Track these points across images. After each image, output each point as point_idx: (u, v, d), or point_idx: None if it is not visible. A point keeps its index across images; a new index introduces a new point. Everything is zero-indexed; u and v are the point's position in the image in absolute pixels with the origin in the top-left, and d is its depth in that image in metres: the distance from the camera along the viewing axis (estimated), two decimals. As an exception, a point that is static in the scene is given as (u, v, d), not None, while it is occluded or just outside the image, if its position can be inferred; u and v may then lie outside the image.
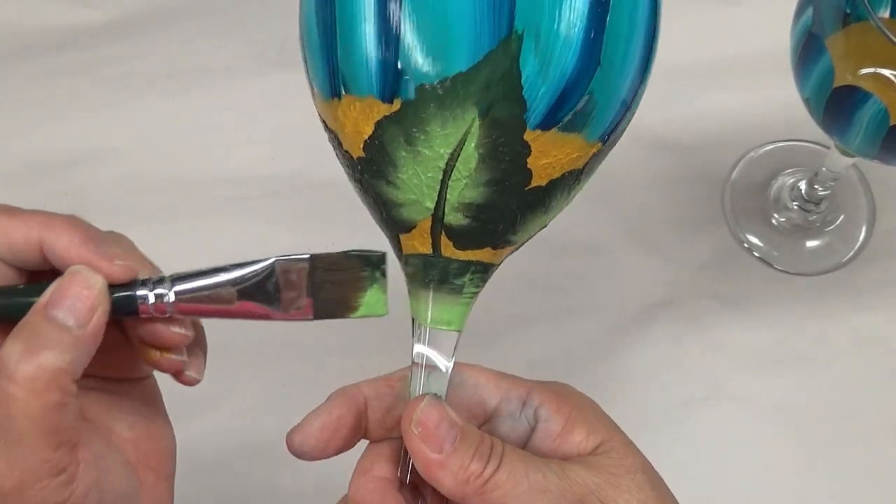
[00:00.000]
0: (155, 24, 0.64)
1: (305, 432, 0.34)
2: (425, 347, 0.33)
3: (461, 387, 0.35)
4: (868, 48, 0.39)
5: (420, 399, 0.32)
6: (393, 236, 0.33)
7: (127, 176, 0.60)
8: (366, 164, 0.31)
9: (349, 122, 0.30)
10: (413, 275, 0.33)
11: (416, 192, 0.31)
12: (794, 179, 0.58)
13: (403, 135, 0.30)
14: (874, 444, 0.52)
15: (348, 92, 0.30)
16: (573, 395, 0.35)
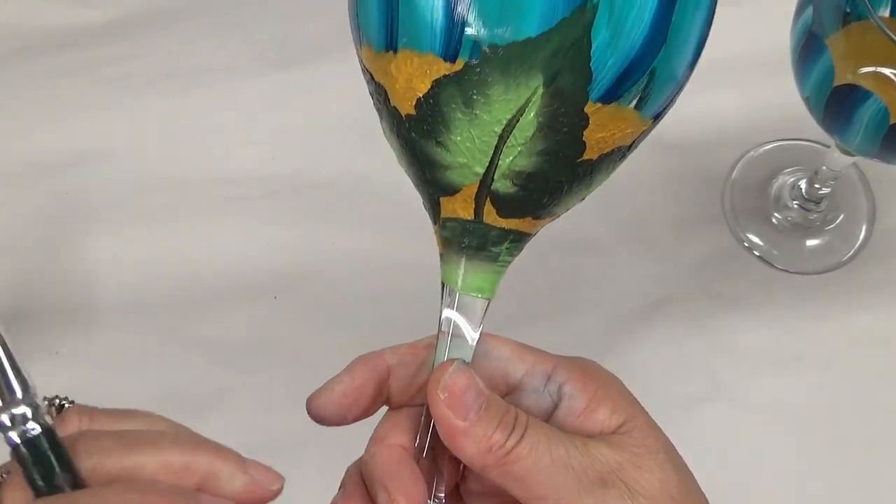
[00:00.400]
0: (155, 24, 0.64)
1: (326, 397, 0.33)
2: (454, 313, 0.33)
3: (486, 358, 0.34)
4: (868, 47, 0.39)
5: (448, 364, 0.32)
6: (432, 198, 0.32)
7: (127, 176, 0.60)
8: (415, 122, 0.30)
9: (402, 77, 0.30)
10: (449, 239, 0.32)
11: (468, 156, 0.30)
12: (795, 178, 0.58)
13: (462, 96, 0.29)
14: (874, 444, 0.52)
15: (407, 46, 0.29)
16: (599, 373, 0.34)
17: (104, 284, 0.57)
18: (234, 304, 0.56)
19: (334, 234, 0.58)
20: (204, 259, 0.58)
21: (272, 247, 0.58)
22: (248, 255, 0.58)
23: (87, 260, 0.58)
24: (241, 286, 0.57)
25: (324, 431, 0.56)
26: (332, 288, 0.57)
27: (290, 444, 0.53)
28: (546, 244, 0.58)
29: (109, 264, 0.58)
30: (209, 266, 0.57)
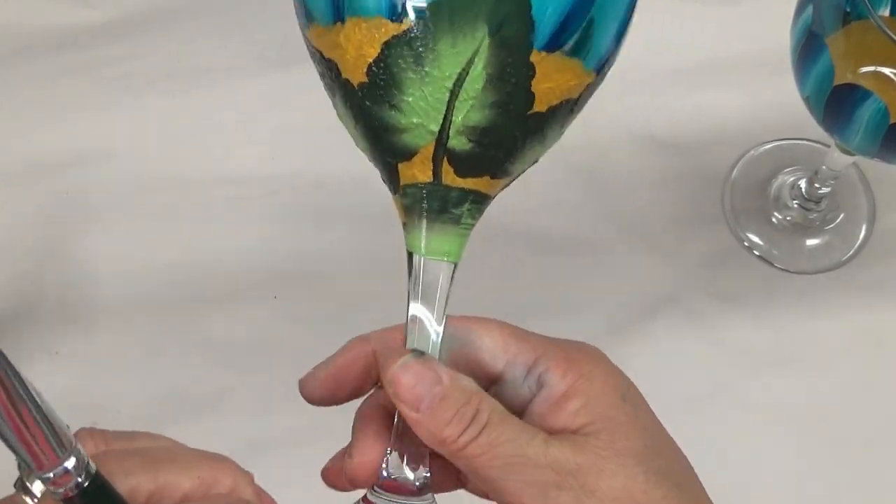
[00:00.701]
0: (155, 24, 0.64)
1: (312, 378, 0.34)
2: (420, 283, 0.33)
3: (468, 346, 0.34)
4: (868, 47, 0.39)
5: (399, 356, 0.31)
6: (390, 167, 0.32)
7: (127, 176, 0.60)
8: (368, 89, 0.30)
9: (352, 46, 0.30)
10: (410, 206, 0.32)
11: (422, 115, 0.30)
12: (795, 178, 0.58)
13: (412, 55, 0.29)
14: (874, 444, 0.52)
15: (353, 13, 0.30)
16: (586, 363, 0.33)
17: (104, 284, 0.57)
18: (234, 304, 0.56)
19: (334, 234, 0.58)
20: (204, 259, 0.58)
21: (272, 247, 0.58)
22: (248, 255, 0.58)
23: (87, 260, 0.58)
24: (241, 286, 0.57)
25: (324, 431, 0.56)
26: (332, 288, 0.57)
27: (291, 444, 0.53)
28: (546, 244, 0.58)
29: (109, 264, 0.58)
30: (209, 266, 0.57)
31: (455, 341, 0.34)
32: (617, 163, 0.59)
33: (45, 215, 0.59)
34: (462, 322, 0.34)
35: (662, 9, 0.63)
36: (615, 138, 0.60)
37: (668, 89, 0.61)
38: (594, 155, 0.59)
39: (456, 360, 0.34)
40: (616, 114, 0.60)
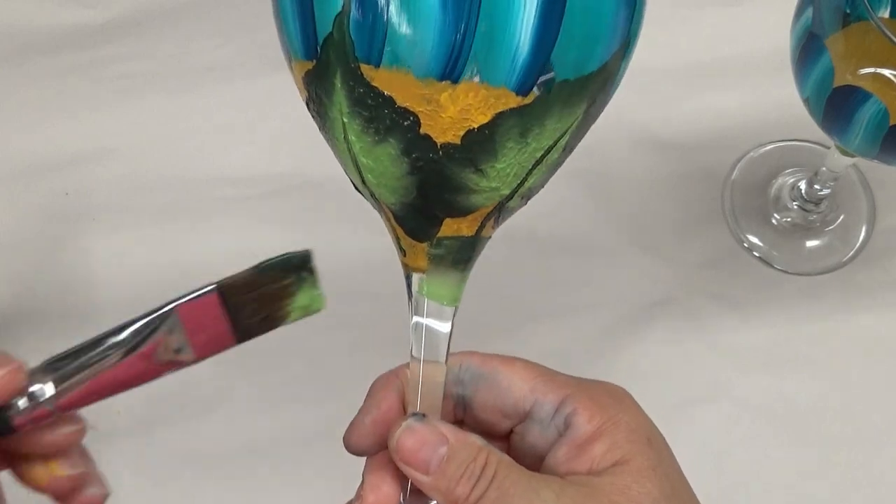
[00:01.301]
0: (155, 24, 0.64)
1: (359, 431, 0.33)
2: (425, 320, 0.32)
3: (494, 386, 0.34)
4: (868, 48, 0.39)
5: (400, 422, 0.31)
6: (432, 220, 0.31)
7: (127, 176, 0.60)
8: (456, 150, 0.29)
9: (455, 107, 0.28)
10: (442, 256, 0.32)
11: (502, 180, 0.30)
12: (794, 179, 0.58)
13: (520, 128, 0.29)
14: (874, 444, 0.52)
15: (474, 78, 0.27)
16: (613, 406, 0.33)
17: (104, 284, 0.57)
18: (233, 304, 0.56)
19: (334, 234, 0.58)
20: (204, 259, 0.58)
21: (272, 247, 0.58)
22: (248, 255, 0.57)
23: (87, 260, 0.58)
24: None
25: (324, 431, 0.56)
26: (332, 288, 0.57)
27: (290, 443, 0.53)
28: (546, 244, 0.58)
29: (109, 264, 0.58)
30: (209, 266, 0.57)
31: (482, 380, 0.34)
32: (617, 164, 0.59)
33: (45, 215, 0.59)
34: (488, 361, 0.34)
35: (662, 9, 0.63)
36: (615, 139, 0.60)
37: (668, 90, 0.61)
38: (594, 156, 0.59)
39: (484, 400, 0.34)
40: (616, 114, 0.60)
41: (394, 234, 0.32)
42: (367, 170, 0.30)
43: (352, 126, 0.29)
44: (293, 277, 0.30)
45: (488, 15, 0.27)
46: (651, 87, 0.61)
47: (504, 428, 0.34)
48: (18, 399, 0.25)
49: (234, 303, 0.29)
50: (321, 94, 0.30)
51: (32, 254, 0.58)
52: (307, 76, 0.30)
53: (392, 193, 0.30)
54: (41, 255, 0.58)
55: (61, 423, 0.27)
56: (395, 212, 0.31)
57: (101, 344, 0.26)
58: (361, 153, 0.30)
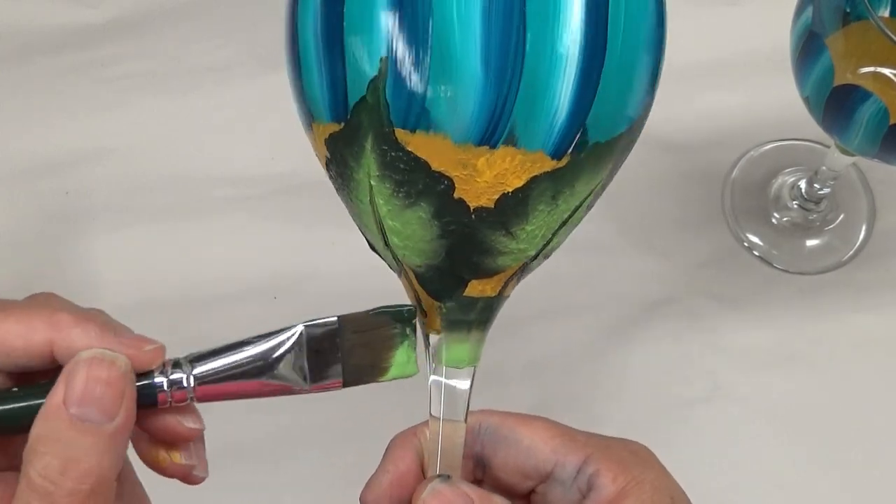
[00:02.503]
0: (155, 24, 0.64)
1: (377, 492, 0.33)
2: (444, 379, 0.32)
3: (515, 447, 0.33)
4: (868, 47, 0.39)
5: (425, 484, 0.31)
6: (457, 282, 0.30)
7: (127, 176, 0.60)
8: (489, 214, 0.28)
9: (492, 172, 0.28)
10: (463, 318, 0.31)
11: (529, 242, 0.30)
12: (794, 178, 0.58)
13: (553, 190, 0.28)
14: (874, 444, 0.52)
15: (512, 143, 0.27)
16: (636, 465, 0.32)
17: (104, 284, 0.57)
18: (234, 304, 0.56)
19: (334, 234, 0.58)
20: (204, 259, 0.58)
21: (272, 247, 0.58)
22: (248, 255, 0.58)
23: (87, 260, 0.58)
24: (241, 286, 0.57)
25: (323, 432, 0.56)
26: (332, 288, 0.57)
27: (290, 443, 0.53)
28: (546, 244, 0.58)
29: (109, 264, 0.58)
30: (209, 266, 0.57)
31: (501, 440, 0.33)
32: (617, 163, 0.59)
33: (45, 215, 0.59)
34: (507, 420, 0.34)
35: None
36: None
37: (667, 89, 0.61)
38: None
39: (504, 460, 0.33)
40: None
41: (414, 295, 0.31)
42: (394, 232, 0.29)
43: (381, 189, 0.29)
44: (399, 329, 0.30)
45: (530, 79, 0.26)
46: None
47: (525, 488, 0.34)
48: (162, 380, 0.28)
49: (348, 341, 0.29)
50: (347, 157, 0.29)
51: (32, 254, 0.58)
52: (332, 139, 0.29)
53: (419, 256, 0.30)
54: (41, 255, 0.58)
55: (190, 415, 0.29)
56: (419, 274, 0.30)
57: (240, 350, 0.29)
58: (389, 216, 0.29)
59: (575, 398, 0.54)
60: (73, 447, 0.25)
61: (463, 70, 0.26)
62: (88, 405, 0.26)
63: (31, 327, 0.27)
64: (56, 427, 0.25)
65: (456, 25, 0.26)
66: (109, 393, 0.26)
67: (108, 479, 0.26)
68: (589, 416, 0.53)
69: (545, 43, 0.26)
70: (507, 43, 0.26)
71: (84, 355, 0.26)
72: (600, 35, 0.27)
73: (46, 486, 0.25)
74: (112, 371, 0.26)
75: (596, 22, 0.27)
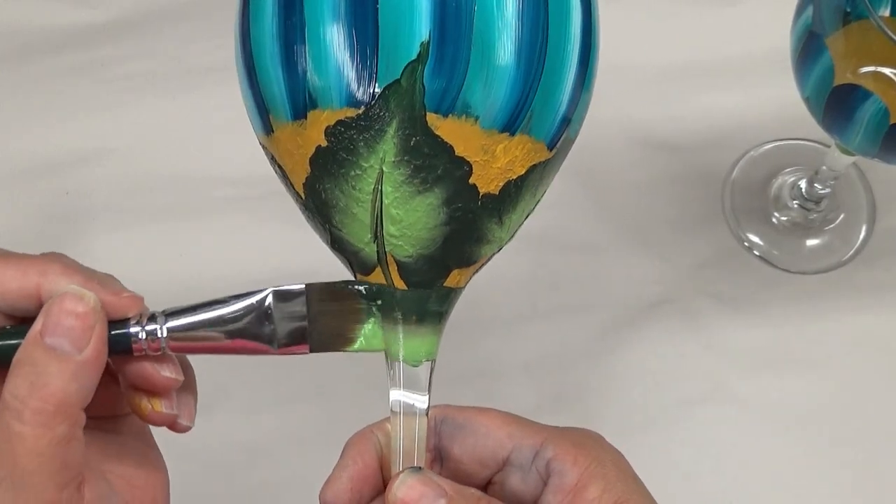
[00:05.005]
0: (155, 24, 0.64)
1: (337, 488, 0.33)
2: (402, 392, 0.32)
3: (472, 434, 0.34)
4: (868, 47, 0.39)
5: (396, 477, 0.31)
6: (443, 272, 0.31)
7: (127, 176, 0.60)
8: (491, 200, 0.30)
9: (505, 159, 0.29)
10: (436, 310, 0.32)
11: (508, 231, 0.31)
12: (795, 178, 0.58)
13: (539, 180, 0.30)
14: (874, 444, 0.52)
15: (527, 132, 0.29)
16: (594, 447, 0.33)
17: (104, 284, 0.57)
18: (234, 303, 0.56)
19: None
20: (204, 259, 0.58)
21: (272, 247, 0.58)
22: (248, 255, 0.58)
23: (87, 260, 0.57)
24: (241, 286, 0.57)
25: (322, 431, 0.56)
26: (332, 288, 0.57)
27: (289, 444, 0.53)
28: (545, 244, 0.58)
29: (109, 264, 0.57)
30: (209, 266, 0.57)
31: (458, 430, 0.34)
32: (616, 163, 0.59)
33: (45, 215, 0.59)
34: (463, 413, 0.34)
35: (662, 9, 0.63)
36: (614, 138, 0.60)
37: (667, 89, 0.61)
38: (593, 155, 0.59)
39: (462, 450, 0.34)
40: (615, 114, 0.60)
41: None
42: (393, 221, 0.30)
43: (393, 175, 0.29)
44: (366, 304, 0.31)
45: (549, 73, 0.29)
46: (651, 87, 0.61)
47: (482, 478, 0.34)
48: (138, 331, 0.30)
49: (315, 309, 0.31)
50: (357, 144, 0.29)
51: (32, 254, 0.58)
52: (341, 125, 0.29)
53: (413, 245, 0.30)
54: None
55: (167, 364, 0.31)
56: (406, 264, 0.30)
57: (209, 310, 0.31)
58: (394, 204, 0.29)
59: (574, 398, 0.54)
60: (42, 372, 0.28)
61: (500, 59, 0.28)
62: (60, 335, 0.28)
63: (25, 273, 0.30)
64: (31, 353, 0.28)
65: (496, 17, 0.28)
66: (79, 325, 0.28)
67: (72, 405, 0.28)
68: (588, 416, 0.53)
69: (560, 42, 0.29)
70: (535, 38, 0.28)
71: (60, 291, 0.29)
72: (588, 38, 0.30)
73: (15, 404, 0.27)
74: (80, 305, 0.29)
75: (590, 27, 0.30)
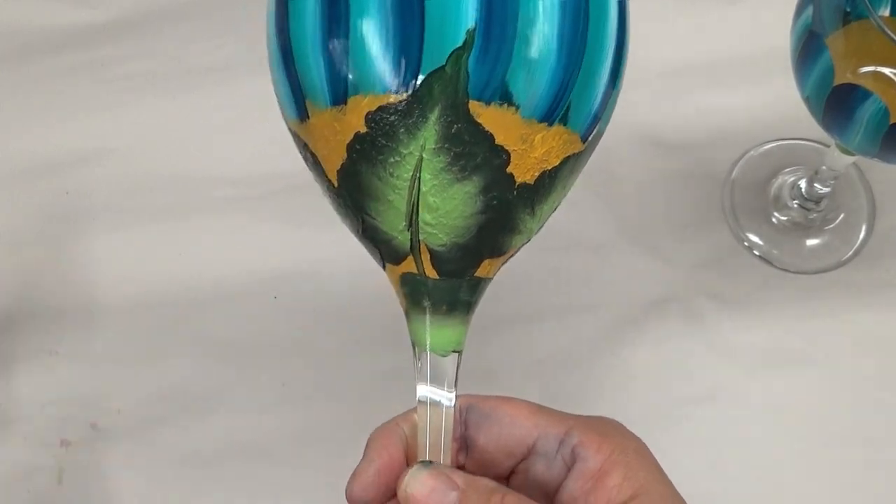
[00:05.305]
0: (155, 24, 0.64)
1: (364, 482, 0.33)
2: (429, 388, 0.32)
3: (497, 423, 0.34)
4: (868, 47, 0.39)
5: (406, 472, 0.31)
6: (477, 259, 0.31)
7: (127, 176, 0.60)
8: (527, 190, 0.30)
9: (543, 149, 0.29)
10: (465, 299, 0.32)
11: (539, 222, 0.32)
12: (795, 178, 0.58)
13: (571, 172, 0.31)
14: (874, 444, 0.52)
15: (564, 123, 0.29)
16: (617, 435, 0.33)
17: (104, 284, 0.57)
18: (233, 304, 0.56)
19: (334, 234, 0.58)
20: (204, 259, 0.58)
21: (272, 247, 0.58)
22: (248, 255, 0.58)
23: (87, 260, 0.58)
24: (241, 286, 0.57)
25: (322, 432, 0.56)
26: (331, 288, 0.57)
27: (290, 444, 0.53)
28: (546, 244, 0.58)
29: (109, 264, 0.58)
30: (209, 266, 0.57)
31: (484, 419, 0.34)
32: (616, 163, 0.59)
33: (45, 215, 0.59)
34: (488, 402, 0.34)
35: (662, 9, 0.63)
36: (615, 138, 0.60)
37: (668, 89, 0.61)
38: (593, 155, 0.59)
39: (487, 439, 0.34)
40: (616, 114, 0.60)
41: (401, 281, 0.32)
42: (430, 209, 0.29)
43: (432, 163, 0.29)
44: None
45: (587, 65, 0.29)
46: (651, 87, 0.61)
47: (507, 467, 0.34)
48: None
49: None
50: (398, 130, 0.28)
51: (32, 254, 0.58)
52: (383, 111, 0.28)
53: (448, 234, 0.30)
54: (41, 254, 0.58)
55: None
56: (439, 253, 0.30)
57: None
58: (432, 192, 0.29)
59: (575, 398, 0.54)
60: None
61: (543, 49, 0.28)
62: None
63: None
64: None
65: (540, 7, 0.28)
66: None
67: None
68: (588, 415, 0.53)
69: (598, 34, 0.29)
70: (576, 29, 0.28)
71: None
72: (622, 33, 0.30)
73: None
74: None
75: (624, 22, 0.30)
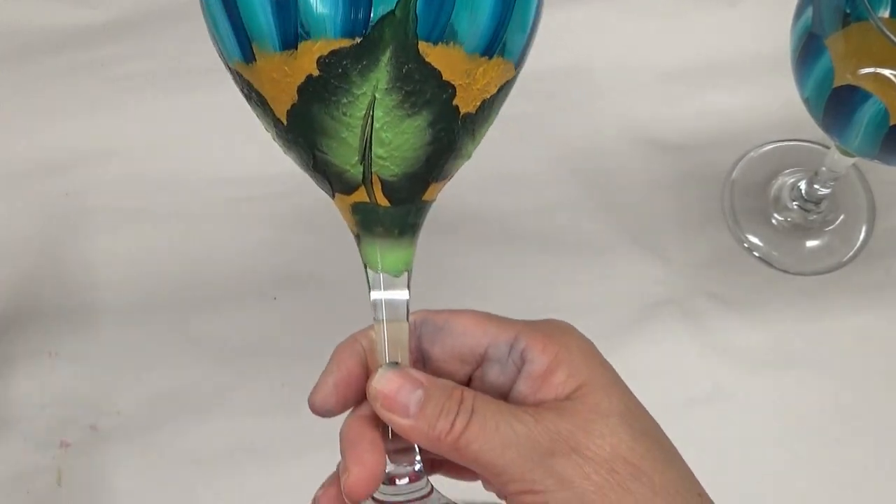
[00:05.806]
0: (155, 24, 0.64)
1: (324, 392, 0.35)
2: (383, 292, 0.35)
3: (450, 335, 0.35)
4: (868, 48, 0.39)
5: (376, 371, 0.33)
6: (425, 185, 0.33)
7: (127, 176, 0.60)
8: (470, 119, 0.32)
9: (484, 80, 0.31)
10: (415, 221, 0.34)
11: (476, 146, 0.33)
12: (794, 179, 0.58)
13: (504, 98, 0.33)
14: (874, 444, 0.52)
15: (501, 54, 0.31)
16: (563, 335, 0.35)
17: (104, 284, 0.57)
18: (234, 304, 0.56)
19: (334, 234, 0.58)
20: (204, 259, 0.58)
21: (272, 247, 0.58)
22: (248, 256, 0.58)
23: (87, 260, 0.58)
24: (241, 286, 0.57)
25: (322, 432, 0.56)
26: (331, 289, 0.57)
27: (290, 443, 0.53)
28: (546, 244, 0.58)
29: (109, 264, 0.58)
30: (209, 266, 0.57)
31: (438, 332, 0.36)
32: (616, 164, 0.59)
33: (44, 215, 0.59)
34: (441, 315, 0.36)
35: (662, 9, 0.63)
36: (615, 139, 0.60)
37: (668, 90, 0.61)
38: (594, 156, 0.59)
39: (442, 350, 0.35)
40: (616, 114, 0.60)
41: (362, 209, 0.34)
42: (382, 144, 0.32)
43: (384, 101, 0.31)
44: None
45: (521, 1, 0.31)
46: (651, 87, 0.61)
47: (463, 375, 0.36)
48: None
49: None
50: (350, 73, 0.30)
51: (32, 254, 0.58)
52: (335, 55, 0.30)
53: (399, 165, 0.32)
54: (41, 255, 0.58)
55: None
56: (391, 182, 0.32)
57: None
58: (384, 128, 0.31)
59: (575, 398, 0.54)
60: None
61: None
62: None
63: None
64: None
65: None
66: None
67: None
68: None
69: None
70: None
71: None
72: None
73: None
74: None
75: None
